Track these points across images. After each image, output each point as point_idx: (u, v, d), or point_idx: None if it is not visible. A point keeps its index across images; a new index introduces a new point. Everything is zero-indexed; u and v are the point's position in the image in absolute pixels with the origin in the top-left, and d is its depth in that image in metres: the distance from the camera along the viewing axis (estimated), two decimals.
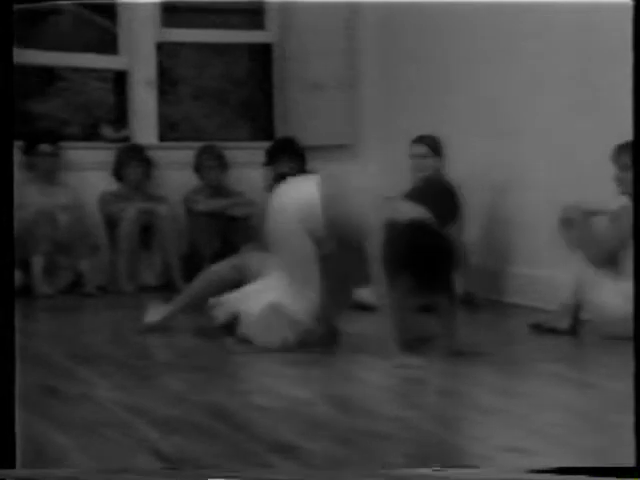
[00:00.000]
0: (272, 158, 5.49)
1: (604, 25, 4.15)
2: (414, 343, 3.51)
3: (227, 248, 5.32)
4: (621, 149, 3.74)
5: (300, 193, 3.61)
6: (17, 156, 5.42)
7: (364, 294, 4.72)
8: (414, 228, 3.39)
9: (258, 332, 3.63)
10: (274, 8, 5.94)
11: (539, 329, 3.97)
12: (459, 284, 4.72)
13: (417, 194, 3.89)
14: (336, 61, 5.84)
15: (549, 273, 4.38)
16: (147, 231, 5.42)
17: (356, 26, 5.87)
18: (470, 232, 4.83)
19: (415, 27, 5.51)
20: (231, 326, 3.77)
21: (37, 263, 5.17)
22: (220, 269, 4.01)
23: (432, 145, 4.85)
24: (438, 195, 3.95)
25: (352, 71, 5.89)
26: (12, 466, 2.20)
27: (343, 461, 2.29)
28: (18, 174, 5.38)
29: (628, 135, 2.22)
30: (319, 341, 3.66)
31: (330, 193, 3.59)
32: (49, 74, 5.92)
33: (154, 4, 5.79)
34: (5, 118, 2.27)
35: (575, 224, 3.87)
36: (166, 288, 5.28)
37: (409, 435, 2.51)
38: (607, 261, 3.77)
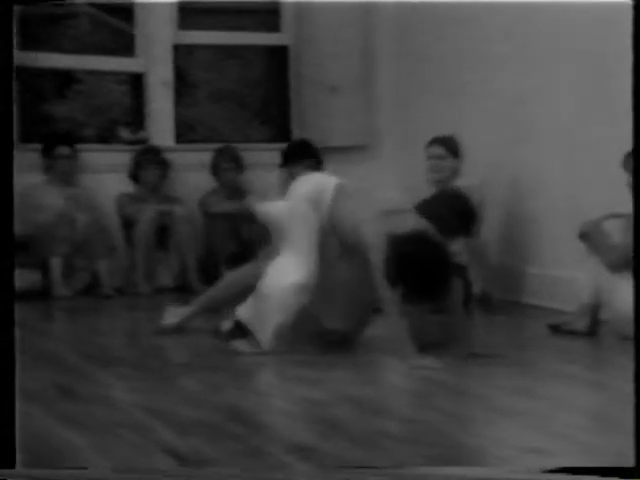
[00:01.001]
0: (287, 159, 5.47)
1: (618, 24, 4.11)
2: (427, 346, 3.51)
3: (243, 249, 5.31)
4: (631, 156, 3.71)
5: (316, 179, 3.82)
6: (36, 159, 5.43)
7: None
8: (411, 239, 3.48)
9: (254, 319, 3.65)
10: (290, 10, 5.93)
11: (558, 330, 3.94)
12: (477, 285, 4.72)
13: (428, 206, 3.90)
14: (352, 63, 5.82)
15: (568, 274, 4.35)
16: (164, 232, 5.42)
17: (372, 27, 5.85)
18: (488, 232, 4.81)
19: (431, 28, 5.49)
20: (235, 332, 3.77)
21: (56, 265, 5.18)
22: (241, 273, 4.02)
23: (449, 146, 4.83)
24: (450, 207, 3.96)
25: (368, 72, 5.87)
26: (12, 466, 2.19)
27: (360, 462, 2.28)
28: (37, 176, 5.41)
29: None
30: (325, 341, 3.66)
31: (342, 193, 3.67)
32: (67, 77, 5.94)
33: (170, 6, 5.78)
34: (5, 119, 2.24)
35: (591, 236, 3.89)
36: (182, 289, 5.28)
37: (427, 437, 2.49)
38: (623, 265, 3.75)
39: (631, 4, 2.09)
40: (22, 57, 5.57)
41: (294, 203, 3.69)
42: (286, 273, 3.60)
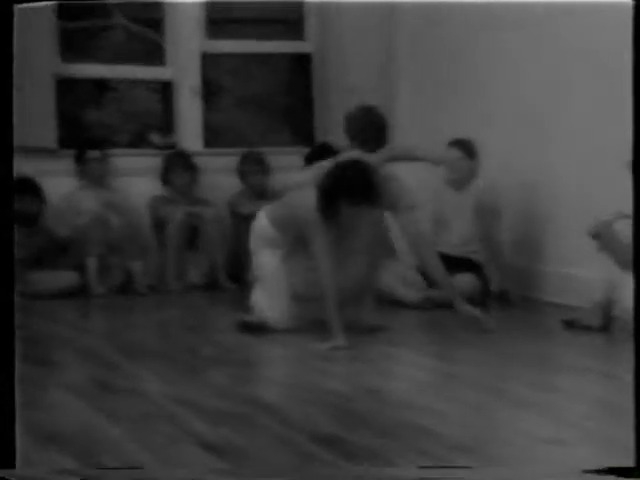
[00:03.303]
0: (310, 162, 5.50)
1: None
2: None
3: None
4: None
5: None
6: (71, 164, 5.50)
7: (401, 292, 4.73)
8: (344, 162, 3.88)
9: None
10: (313, 19, 5.96)
11: (572, 326, 3.95)
12: (494, 282, 4.72)
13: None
14: (373, 67, 5.85)
15: (581, 272, 4.35)
16: (194, 233, 5.47)
17: (392, 33, 5.87)
18: (504, 231, 4.82)
19: (450, 33, 5.51)
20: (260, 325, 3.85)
21: (92, 264, 5.24)
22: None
23: (466, 148, 4.84)
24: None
25: (389, 76, 5.89)
26: (12, 466, 2.19)
27: (382, 453, 2.31)
28: (73, 181, 5.48)
29: None
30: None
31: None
32: (101, 85, 6.00)
33: (199, 16, 5.84)
34: (4, 120, 2.22)
35: (602, 236, 3.89)
36: (212, 287, 5.33)
37: (447, 428, 2.51)
38: (633, 263, 3.76)
39: (631, 4, 2.09)
40: (63, 68, 5.65)
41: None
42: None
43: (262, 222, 3.98)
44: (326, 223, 3.71)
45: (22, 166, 5.35)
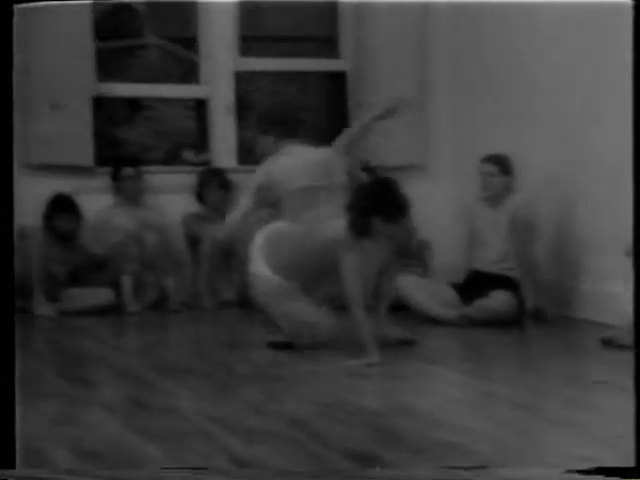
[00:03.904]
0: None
1: None
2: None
3: None
4: None
5: None
6: (107, 181, 5.55)
7: (436, 309, 4.71)
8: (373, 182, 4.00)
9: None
10: (348, 37, 5.98)
11: (610, 344, 3.91)
12: (530, 300, 4.69)
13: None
14: (408, 85, 5.85)
15: (618, 289, 4.31)
16: (227, 250, 5.48)
17: (427, 52, 5.89)
18: (541, 248, 4.79)
19: (486, 51, 5.50)
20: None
21: (126, 282, 5.27)
22: None
23: (501, 164, 4.82)
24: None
25: (423, 93, 5.89)
26: (12, 466, 2.19)
27: (415, 469, 2.29)
28: (108, 198, 5.52)
29: None
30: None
31: None
32: (136, 104, 6.06)
33: (232, 35, 5.88)
34: (4, 119, 2.22)
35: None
36: (245, 304, 5.34)
37: (482, 446, 2.49)
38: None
39: (631, 4, 2.07)
40: (99, 87, 5.71)
41: None
42: None
43: (264, 274, 3.93)
44: (357, 243, 3.72)
45: (59, 184, 5.42)
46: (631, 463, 2.07)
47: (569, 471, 2.13)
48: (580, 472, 2.09)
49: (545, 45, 4.97)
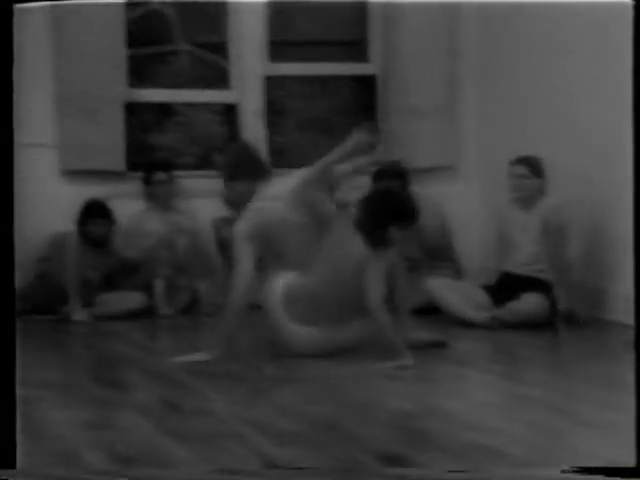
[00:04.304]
0: (375, 179, 5.52)
1: None
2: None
3: None
4: None
5: None
6: (138, 186, 5.59)
7: (468, 311, 4.69)
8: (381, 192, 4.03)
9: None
10: (377, 41, 5.99)
11: None
12: (562, 302, 4.65)
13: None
14: (437, 87, 5.85)
15: None
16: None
17: (457, 56, 5.88)
18: (574, 250, 4.75)
19: (514, 54, 5.49)
20: None
21: (159, 286, 5.31)
22: None
23: (532, 166, 4.79)
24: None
25: (453, 95, 5.88)
26: (12, 466, 2.20)
27: (448, 471, 2.29)
28: (140, 203, 5.56)
29: None
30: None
31: None
32: (166, 109, 6.10)
33: (261, 41, 5.90)
34: (4, 119, 2.22)
35: None
36: None
37: (514, 449, 2.49)
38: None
39: (631, 4, 2.06)
40: (130, 94, 5.76)
41: None
42: None
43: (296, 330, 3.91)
44: (377, 254, 3.73)
45: (93, 189, 5.47)
46: (631, 463, 2.06)
47: (564, 471, 2.12)
48: (580, 472, 2.08)
49: (572, 44, 4.94)
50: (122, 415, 2.97)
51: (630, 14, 2.03)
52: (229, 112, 6.01)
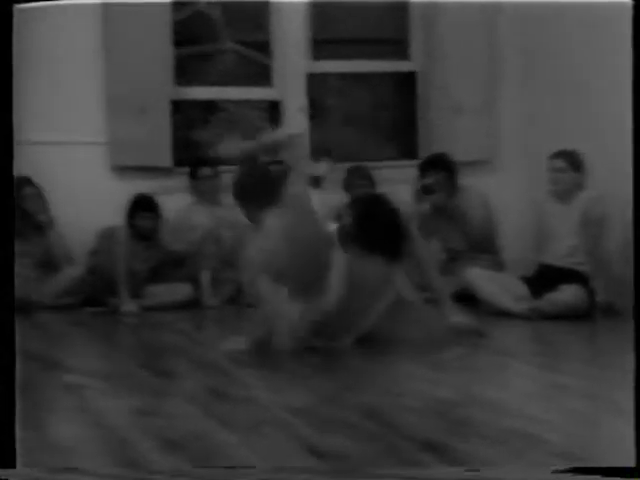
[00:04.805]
0: (421, 171, 5.50)
1: None
2: None
3: None
4: None
5: None
6: (185, 181, 5.63)
7: (507, 302, 4.66)
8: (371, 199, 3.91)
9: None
10: (418, 39, 5.96)
11: None
12: (600, 294, 4.61)
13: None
14: (477, 83, 5.82)
15: None
16: None
17: (497, 53, 5.85)
18: (611, 242, 4.70)
19: (553, 47, 5.44)
20: None
21: (205, 278, 5.34)
22: None
23: (571, 160, 4.75)
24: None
25: (493, 90, 5.85)
26: (12, 466, 2.18)
27: (491, 461, 2.27)
28: (186, 197, 5.60)
29: None
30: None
31: None
32: (211, 106, 6.13)
33: (304, 39, 5.90)
34: (4, 119, 2.22)
35: None
36: None
37: (555, 437, 2.47)
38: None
39: (631, 4, 2.02)
40: (178, 92, 5.80)
41: None
42: None
43: None
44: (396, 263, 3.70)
45: (141, 184, 5.52)
46: (631, 463, 2.02)
47: (564, 471, 2.09)
48: (580, 472, 2.05)
49: (615, 43, 4.87)
50: (170, 403, 2.99)
51: (630, 14, 2.00)
52: (272, 109, 6.02)
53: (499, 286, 4.71)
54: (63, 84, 5.50)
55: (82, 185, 5.49)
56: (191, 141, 6.07)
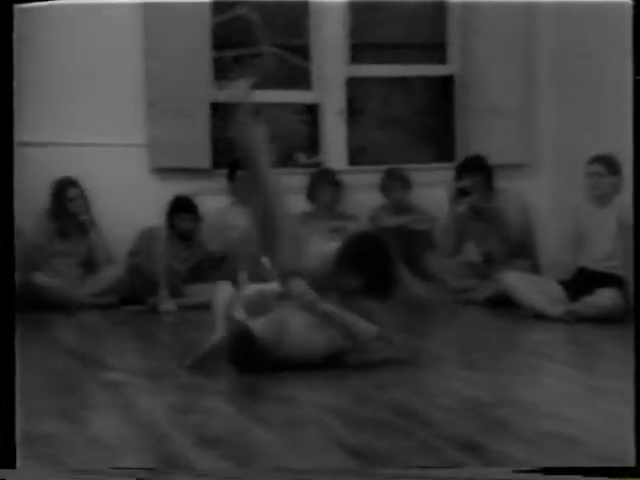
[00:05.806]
0: (458, 174, 5.48)
1: None
2: None
3: (408, 258, 5.33)
4: None
5: None
6: (223, 183, 5.65)
7: (544, 305, 4.62)
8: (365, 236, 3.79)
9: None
10: (455, 43, 5.95)
11: None
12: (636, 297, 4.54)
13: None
14: (514, 87, 5.78)
15: None
16: None
17: (534, 56, 5.81)
18: None
19: (589, 50, 5.38)
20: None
21: (242, 278, 5.35)
22: None
23: (609, 164, 4.70)
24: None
25: (530, 94, 5.81)
26: (12, 466, 2.19)
27: (524, 461, 2.26)
28: (225, 199, 5.63)
29: None
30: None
31: None
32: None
33: (342, 44, 5.91)
34: (4, 118, 2.23)
35: None
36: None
37: (591, 438, 2.44)
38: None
39: (631, 4, 1.99)
40: (217, 94, 5.82)
41: None
42: None
43: None
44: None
45: (180, 186, 5.56)
46: (631, 463, 1.99)
47: (565, 470, 2.06)
48: (580, 472, 2.02)
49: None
50: (208, 400, 3.01)
51: (630, 14, 1.97)
52: (311, 112, 6.03)
53: (536, 289, 4.67)
54: (104, 87, 5.55)
55: (123, 186, 5.53)
56: (227, 144, 6.09)
